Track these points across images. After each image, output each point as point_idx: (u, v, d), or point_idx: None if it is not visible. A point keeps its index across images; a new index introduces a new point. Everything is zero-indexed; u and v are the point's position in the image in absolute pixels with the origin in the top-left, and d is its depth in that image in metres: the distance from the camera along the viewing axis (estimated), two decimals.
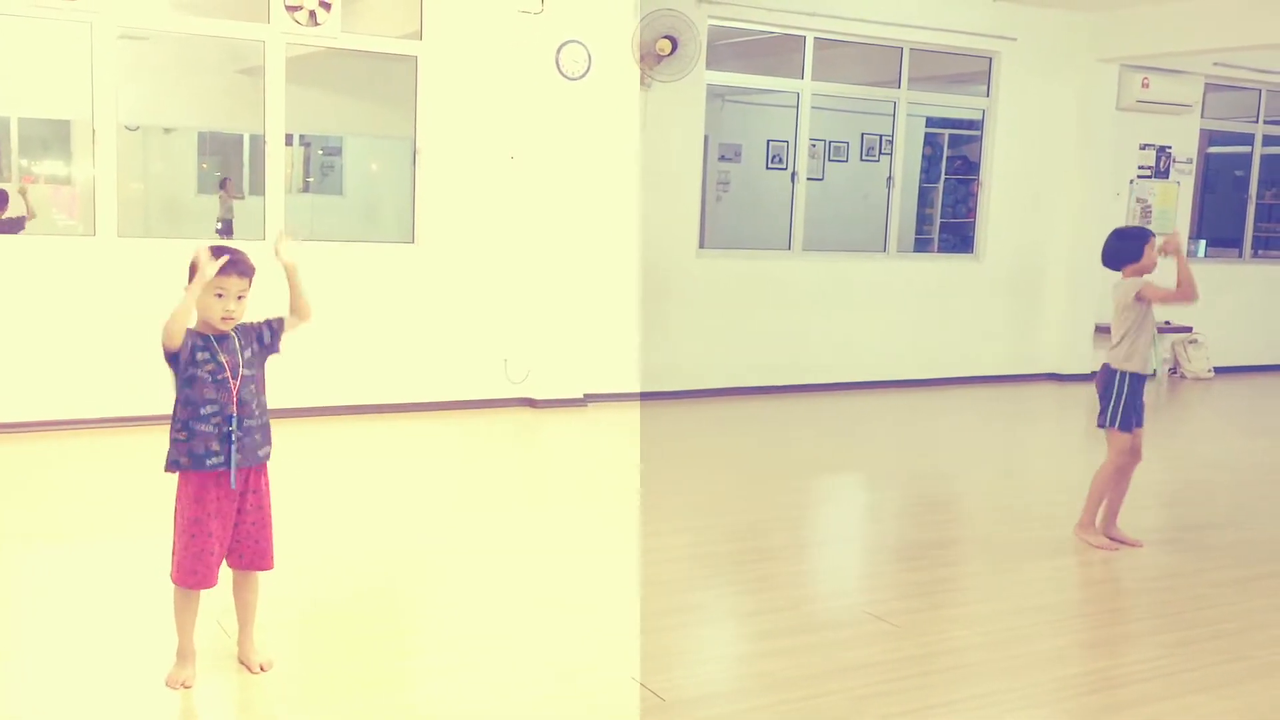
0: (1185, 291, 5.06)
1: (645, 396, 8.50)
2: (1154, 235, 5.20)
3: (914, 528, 5.76)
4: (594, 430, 7.61)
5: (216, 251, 3.22)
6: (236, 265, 3.23)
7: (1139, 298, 5.06)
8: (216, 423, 3.24)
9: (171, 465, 3.29)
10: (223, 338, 3.28)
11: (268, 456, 3.42)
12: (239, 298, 3.25)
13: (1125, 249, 5.15)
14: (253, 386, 3.34)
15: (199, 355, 3.23)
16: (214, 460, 3.25)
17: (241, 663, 3.48)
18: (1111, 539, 5.21)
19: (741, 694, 3.55)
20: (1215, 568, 5.01)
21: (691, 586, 4.55)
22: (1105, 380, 5.17)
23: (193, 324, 3.25)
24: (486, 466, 6.67)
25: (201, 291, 3.18)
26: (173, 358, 3.22)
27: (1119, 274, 5.16)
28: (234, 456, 3.26)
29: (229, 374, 3.26)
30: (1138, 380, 5.11)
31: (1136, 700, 3.59)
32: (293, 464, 6.38)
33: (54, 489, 5.69)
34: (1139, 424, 5.18)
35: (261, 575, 3.50)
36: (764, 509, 5.80)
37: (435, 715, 3.32)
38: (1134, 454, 5.20)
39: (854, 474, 6.95)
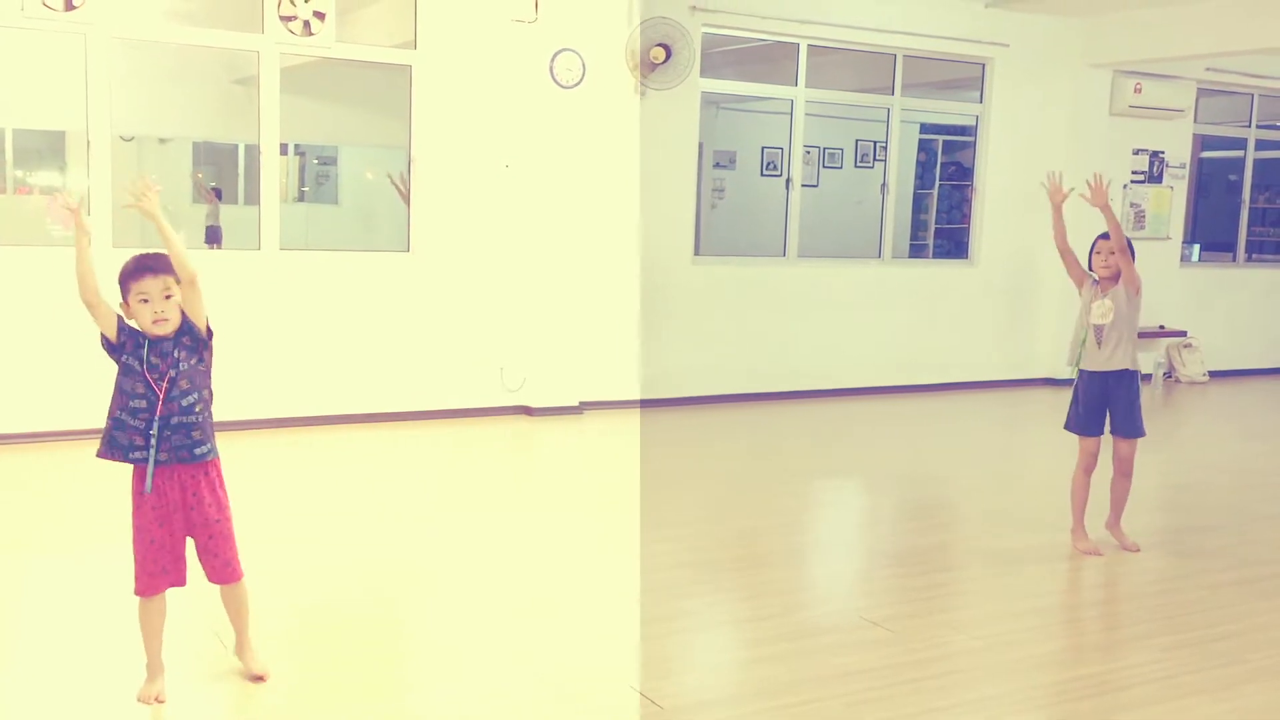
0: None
1: (641, 404, 8.50)
2: (1101, 238, 5.23)
3: (909, 533, 5.76)
4: (590, 438, 7.62)
5: (129, 263, 3.28)
6: (148, 267, 3.26)
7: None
8: (144, 419, 3.24)
9: (101, 450, 3.31)
10: (158, 340, 3.29)
11: (206, 455, 3.32)
12: (166, 297, 3.25)
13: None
14: (185, 384, 3.28)
15: (131, 361, 3.26)
16: (136, 455, 3.26)
17: (238, 657, 3.53)
18: (1113, 533, 5.23)
19: (738, 700, 3.56)
20: (1212, 571, 5.02)
21: (688, 593, 4.55)
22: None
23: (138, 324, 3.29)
24: (483, 474, 6.67)
25: (132, 303, 3.24)
26: (109, 346, 3.27)
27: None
28: (152, 455, 3.24)
29: (157, 375, 3.25)
30: (1077, 382, 5.19)
31: (1133, 704, 3.59)
32: (289, 473, 6.41)
33: (44, 500, 5.68)
34: (1082, 431, 5.19)
35: (251, 584, 3.49)
36: (759, 515, 5.81)
37: None
38: (1114, 462, 5.21)
39: (849, 480, 6.96)
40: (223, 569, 3.41)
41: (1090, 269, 5.22)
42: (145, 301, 3.24)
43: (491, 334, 7.98)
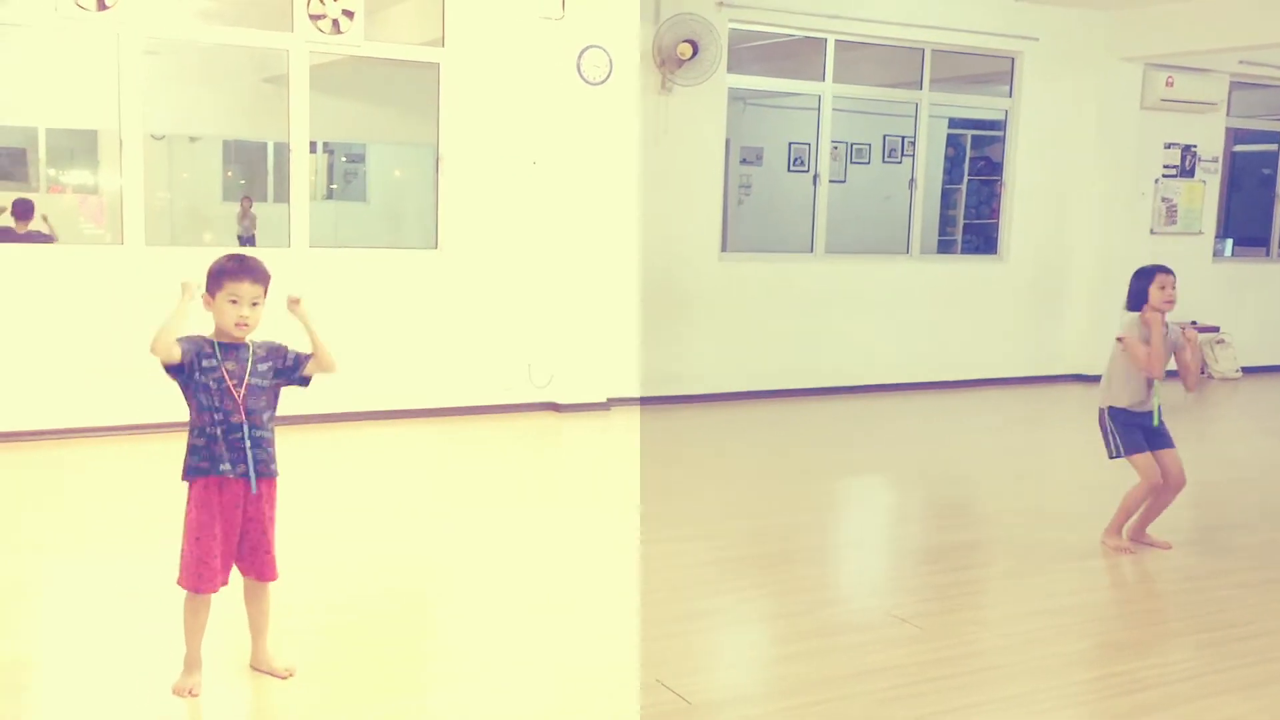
0: (1156, 367, 4.96)
1: (668, 400, 8.51)
2: (1161, 272, 5.04)
3: (937, 530, 5.74)
4: (617, 435, 7.63)
5: (230, 259, 3.28)
6: (249, 271, 3.26)
7: (1119, 339, 5.07)
8: (224, 430, 3.26)
9: (189, 472, 3.31)
10: (235, 346, 3.30)
11: (276, 473, 3.41)
12: (253, 304, 3.27)
13: (1134, 288, 5.11)
14: (262, 399, 3.33)
15: (205, 363, 3.25)
16: (225, 467, 3.28)
17: (256, 669, 3.49)
18: (1137, 542, 5.18)
19: (766, 697, 3.56)
20: (1242, 569, 4.98)
21: (715, 590, 4.56)
22: (1099, 419, 5.20)
23: (210, 332, 3.30)
24: (509, 471, 6.70)
25: (218, 299, 3.24)
26: (174, 369, 3.24)
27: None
28: (252, 464, 3.29)
29: (233, 382, 3.27)
30: (1118, 412, 5.08)
31: (1163, 702, 3.57)
32: (315, 470, 6.46)
33: (80, 496, 5.76)
34: (1152, 447, 5.08)
35: (273, 585, 3.50)
36: (786, 512, 5.80)
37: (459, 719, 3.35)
38: (1166, 476, 5.08)
39: (876, 477, 6.94)
40: (265, 567, 3.42)
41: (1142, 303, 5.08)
42: (234, 303, 3.25)
43: (519, 331, 8.01)
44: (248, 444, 3.29)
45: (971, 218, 13.37)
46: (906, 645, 3.97)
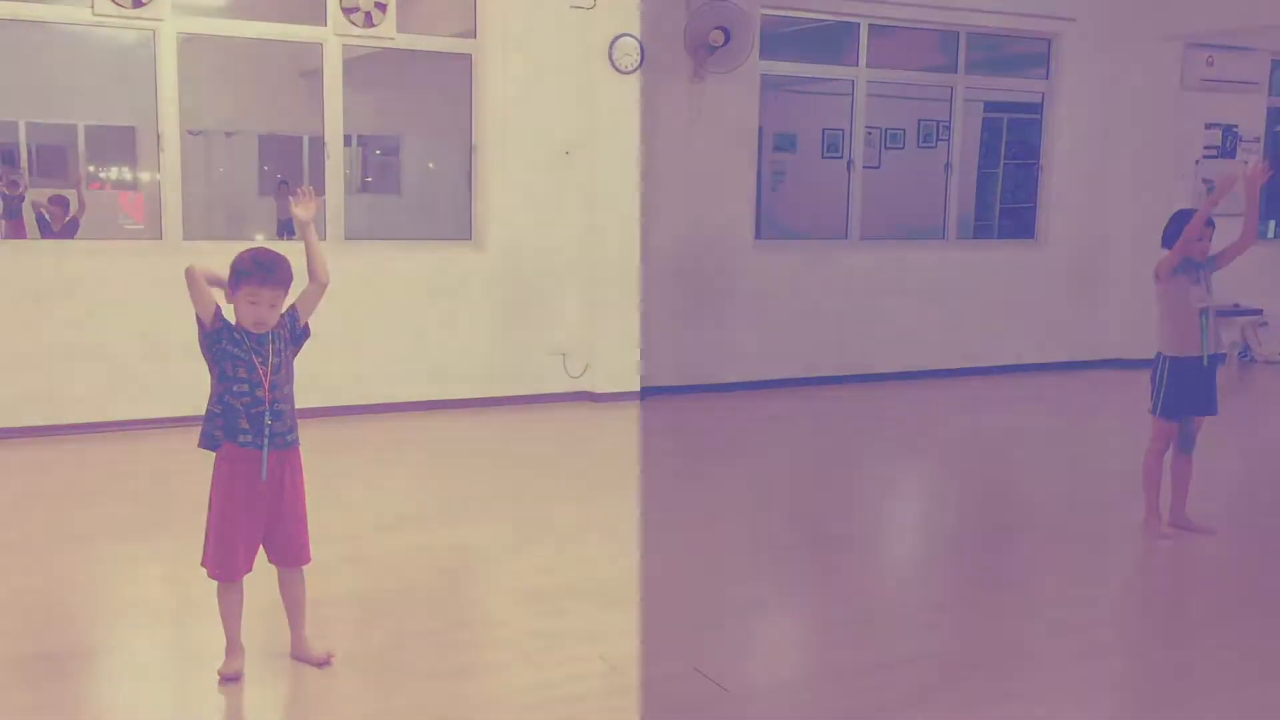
0: (1244, 239, 4.91)
1: (703, 389, 8.50)
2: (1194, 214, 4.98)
3: (976, 516, 5.70)
4: (652, 424, 7.63)
5: (256, 255, 3.34)
6: (272, 276, 3.32)
7: (1155, 275, 4.98)
8: (247, 403, 3.33)
9: (205, 439, 3.38)
10: (259, 336, 3.38)
11: (296, 442, 3.46)
12: (271, 306, 3.35)
13: (1172, 230, 5.03)
14: (283, 372, 3.41)
15: (232, 347, 3.33)
16: (245, 438, 3.33)
17: (296, 659, 3.52)
18: (1178, 527, 5.10)
19: (804, 684, 3.56)
20: None
21: (752, 577, 4.56)
22: (1152, 365, 5.08)
23: (232, 319, 3.38)
24: (545, 461, 6.71)
25: (238, 298, 3.33)
26: (206, 333, 3.33)
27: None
28: (266, 444, 3.34)
29: (260, 362, 3.34)
30: (1180, 364, 4.94)
31: (1202, 690, 3.54)
32: (351, 461, 6.50)
33: (121, 489, 5.82)
34: (1196, 412, 5.01)
35: (315, 569, 3.54)
36: (824, 499, 5.79)
37: (493, 707, 3.37)
38: (1178, 441, 5.02)
39: (914, 463, 6.90)
40: (299, 552, 3.49)
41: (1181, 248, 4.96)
42: (254, 304, 3.33)
43: (554, 321, 8.02)
44: (269, 422, 3.34)
45: (1008, 202, 13.25)
46: (944, 632, 3.95)
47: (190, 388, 6.70)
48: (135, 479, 5.95)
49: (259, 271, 3.31)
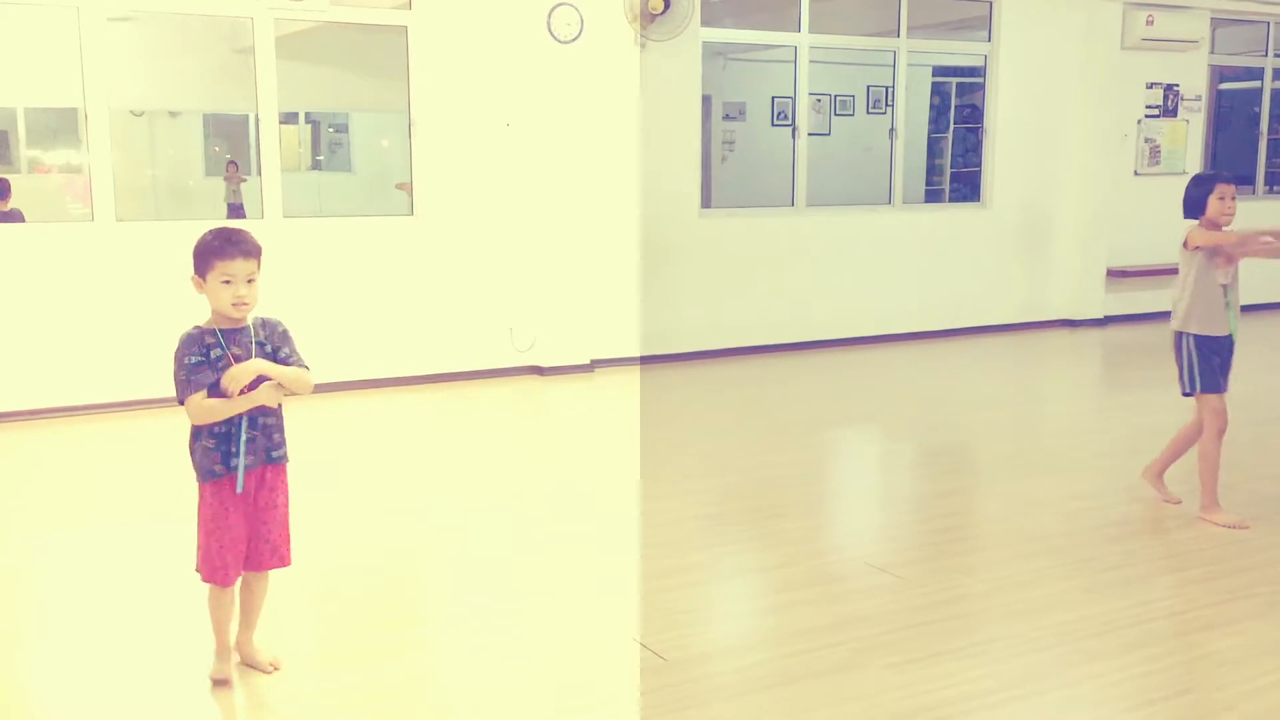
0: (1248, 245, 4.64)
1: (651, 360, 8.47)
2: (1222, 182, 4.78)
3: (922, 479, 5.73)
4: (601, 396, 7.60)
5: (218, 231, 3.15)
6: (239, 246, 3.11)
7: (1186, 244, 4.72)
8: (235, 424, 3.15)
9: (207, 476, 3.18)
10: (236, 331, 3.17)
11: (284, 458, 3.30)
12: (248, 280, 3.13)
13: (1191, 196, 4.79)
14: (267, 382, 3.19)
15: (212, 354, 3.12)
16: (235, 461, 3.16)
17: (245, 664, 3.38)
18: (1151, 480, 5.06)
19: (742, 650, 3.55)
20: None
21: (696, 546, 4.54)
22: (1174, 345, 4.84)
23: (204, 321, 3.18)
24: (494, 435, 6.67)
25: (210, 281, 3.11)
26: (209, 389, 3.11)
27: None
28: (242, 460, 3.17)
29: (236, 360, 3.13)
30: (1205, 343, 4.72)
31: (1141, 640, 3.56)
32: (298, 440, 6.40)
33: (61, 475, 5.72)
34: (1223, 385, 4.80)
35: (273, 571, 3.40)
36: (771, 467, 5.78)
37: (443, 680, 3.36)
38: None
39: (863, 428, 6.91)
40: (270, 555, 3.31)
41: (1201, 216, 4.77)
42: (228, 283, 3.10)
43: (500, 295, 7.95)
44: (248, 437, 3.17)
45: (959, 166, 13.29)
46: (887, 594, 3.95)
47: (122, 371, 6.63)
48: (72, 465, 5.85)
49: (225, 245, 3.10)
